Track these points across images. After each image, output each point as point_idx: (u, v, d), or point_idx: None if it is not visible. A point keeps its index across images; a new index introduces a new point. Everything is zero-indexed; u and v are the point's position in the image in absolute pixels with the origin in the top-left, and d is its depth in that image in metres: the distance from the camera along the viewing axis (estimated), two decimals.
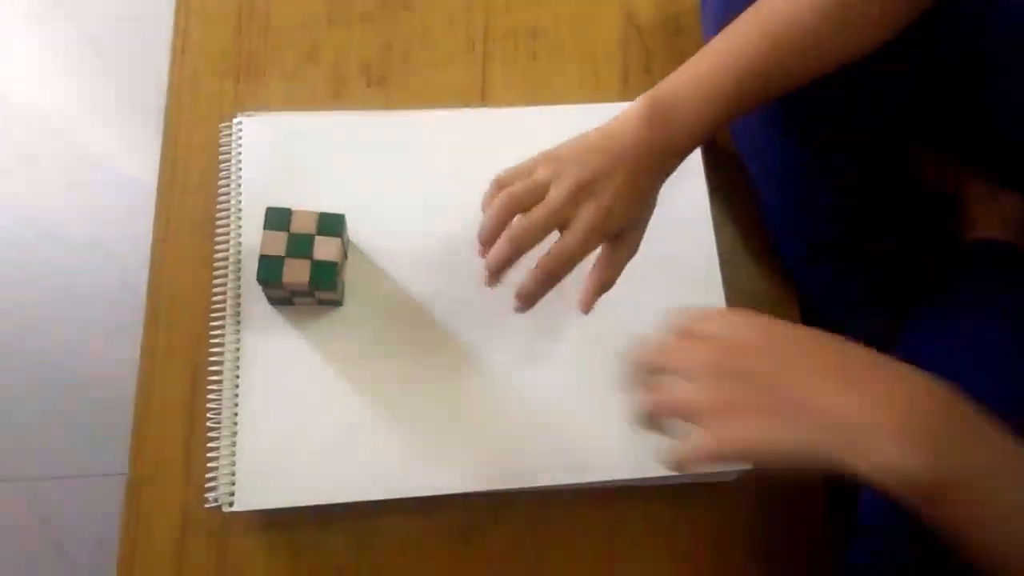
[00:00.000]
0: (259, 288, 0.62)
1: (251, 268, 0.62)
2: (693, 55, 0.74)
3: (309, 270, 0.60)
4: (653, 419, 0.44)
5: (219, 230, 0.66)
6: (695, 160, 0.71)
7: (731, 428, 0.39)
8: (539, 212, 0.53)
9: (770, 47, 0.53)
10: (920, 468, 0.34)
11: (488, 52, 0.77)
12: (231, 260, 0.65)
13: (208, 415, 0.61)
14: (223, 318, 0.63)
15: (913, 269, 0.70)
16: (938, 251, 0.72)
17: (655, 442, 0.61)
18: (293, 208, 0.62)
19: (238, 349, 0.63)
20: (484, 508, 0.62)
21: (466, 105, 0.74)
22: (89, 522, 1.07)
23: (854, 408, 0.37)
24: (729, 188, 0.72)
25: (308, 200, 0.63)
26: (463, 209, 0.68)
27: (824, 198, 0.68)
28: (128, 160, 1.29)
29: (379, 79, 0.75)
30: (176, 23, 0.76)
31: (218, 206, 0.67)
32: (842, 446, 0.36)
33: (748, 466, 0.61)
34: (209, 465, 0.59)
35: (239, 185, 0.67)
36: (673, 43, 0.78)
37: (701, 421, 0.40)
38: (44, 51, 1.36)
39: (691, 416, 0.41)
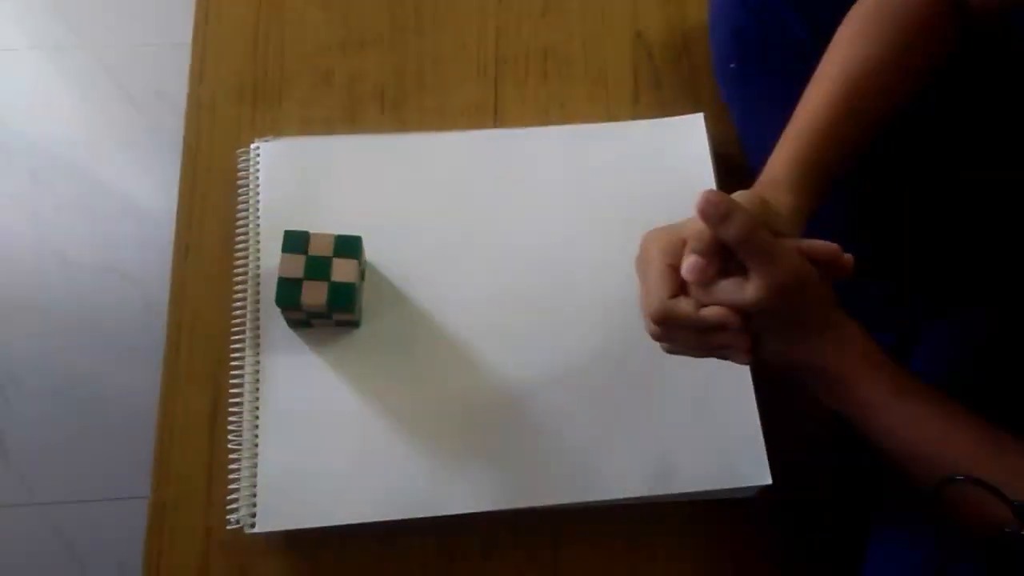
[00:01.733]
0: (278, 310, 0.63)
1: (270, 291, 0.62)
2: (709, 76, 0.76)
3: (327, 292, 0.61)
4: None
5: (238, 253, 0.67)
6: (707, 179, 0.71)
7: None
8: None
9: (835, 104, 0.55)
10: (823, 403, 0.51)
11: (500, 73, 0.78)
12: (250, 283, 0.66)
13: (229, 437, 0.62)
14: (243, 341, 0.64)
15: (936, 283, 0.69)
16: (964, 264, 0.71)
17: (670, 460, 0.62)
18: (310, 231, 0.63)
19: (257, 371, 0.63)
20: (503, 527, 0.62)
21: (479, 126, 0.75)
22: (112, 545, 1.08)
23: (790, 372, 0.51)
24: None
25: (325, 223, 0.64)
26: (478, 229, 0.69)
27: (846, 212, 0.68)
28: (147, 186, 1.31)
29: (393, 103, 0.76)
30: (193, 51, 0.77)
31: (236, 230, 0.68)
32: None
33: (767, 482, 0.61)
34: (230, 487, 0.60)
35: (257, 209, 0.69)
36: (682, 61, 0.79)
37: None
38: (63, 80, 1.39)
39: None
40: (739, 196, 0.48)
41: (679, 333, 0.50)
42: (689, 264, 0.47)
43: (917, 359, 0.62)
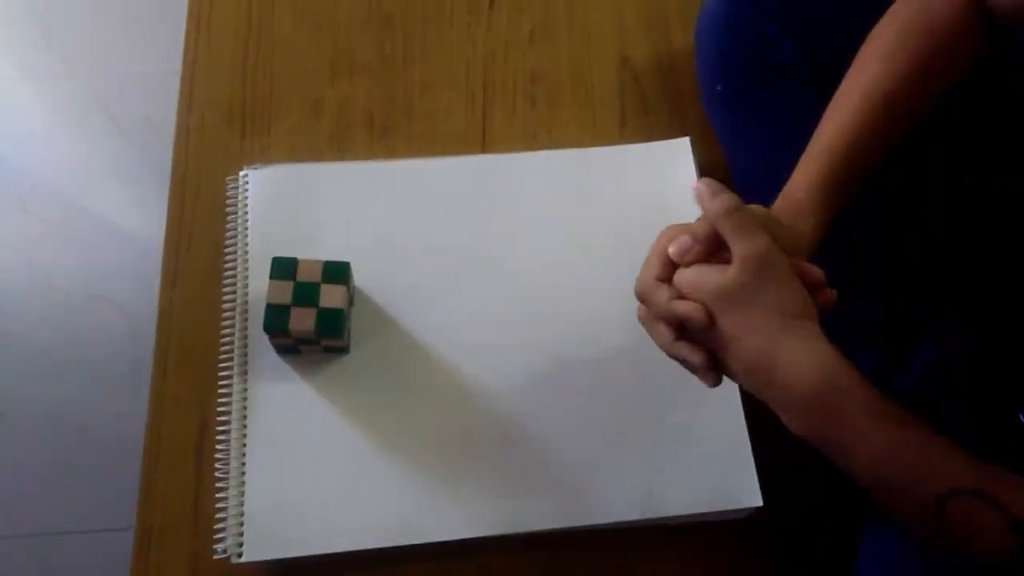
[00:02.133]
0: (266, 337, 0.62)
1: (258, 317, 0.62)
2: (695, 100, 0.76)
3: (315, 318, 0.61)
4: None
5: (226, 280, 0.67)
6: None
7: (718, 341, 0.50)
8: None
9: (863, 123, 0.56)
10: (799, 429, 0.48)
11: (488, 100, 0.79)
12: (238, 310, 0.66)
13: (216, 465, 0.61)
14: (231, 368, 0.64)
15: (928, 302, 0.69)
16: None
17: (663, 483, 0.61)
18: (299, 257, 0.63)
19: (245, 399, 0.63)
20: (496, 552, 0.61)
21: (468, 152, 0.75)
22: None
23: (768, 389, 0.49)
24: None
25: (314, 249, 0.64)
26: (467, 254, 0.69)
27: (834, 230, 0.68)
28: (136, 214, 1.30)
29: (382, 130, 0.76)
30: (183, 79, 0.78)
31: (225, 257, 0.68)
32: (769, 400, 0.49)
33: (758, 504, 0.61)
34: (217, 516, 0.59)
35: (245, 236, 0.68)
36: (668, 86, 0.80)
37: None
38: (52, 108, 1.39)
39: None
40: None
41: (654, 326, 0.52)
42: (676, 242, 0.50)
43: (905, 376, 0.62)
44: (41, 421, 1.17)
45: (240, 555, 0.58)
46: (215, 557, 0.58)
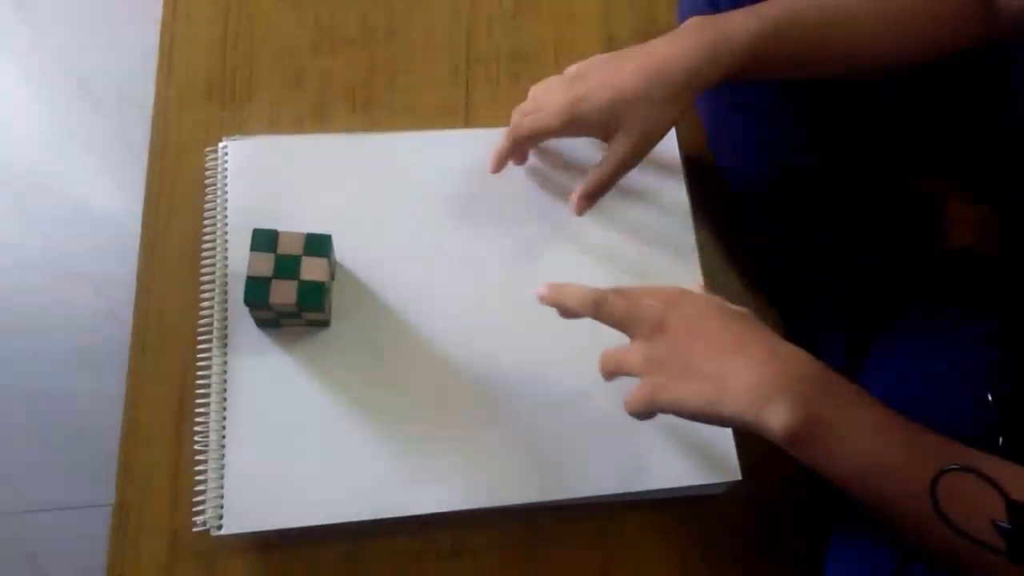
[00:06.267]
0: (246, 310, 0.62)
1: (238, 290, 0.62)
2: None
3: (296, 291, 0.60)
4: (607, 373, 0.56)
5: (205, 253, 0.66)
6: (676, 178, 0.72)
7: (658, 388, 0.50)
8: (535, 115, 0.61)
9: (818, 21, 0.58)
10: (785, 418, 0.46)
11: (471, 75, 0.78)
12: (218, 283, 0.65)
13: (195, 438, 0.61)
14: (210, 341, 0.63)
15: (893, 283, 0.70)
16: (919, 264, 0.72)
17: (641, 457, 0.62)
18: (280, 229, 0.62)
19: (225, 372, 0.63)
20: (474, 525, 0.62)
21: (450, 127, 0.75)
22: (75, 554, 1.05)
23: (742, 376, 0.48)
24: (711, 203, 0.73)
25: (294, 222, 0.63)
26: (448, 228, 0.69)
27: (810, 212, 0.69)
28: (111, 189, 1.29)
29: (364, 103, 0.76)
30: (161, 49, 0.76)
31: (204, 229, 0.67)
32: (734, 406, 0.47)
33: (736, 478, 0.61)
34: (197, 489, 0.59)
35: (225, 208, 0.68)
36: None
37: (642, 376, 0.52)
38: (26, 82, 1.37)
39: (631, 372, 0.54)
40: None
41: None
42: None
43: (878, 361, 0.63)
44: (18, 398, 1.16)
45: (219, 528, 0.58)
46: (194, 530, 0.58)
